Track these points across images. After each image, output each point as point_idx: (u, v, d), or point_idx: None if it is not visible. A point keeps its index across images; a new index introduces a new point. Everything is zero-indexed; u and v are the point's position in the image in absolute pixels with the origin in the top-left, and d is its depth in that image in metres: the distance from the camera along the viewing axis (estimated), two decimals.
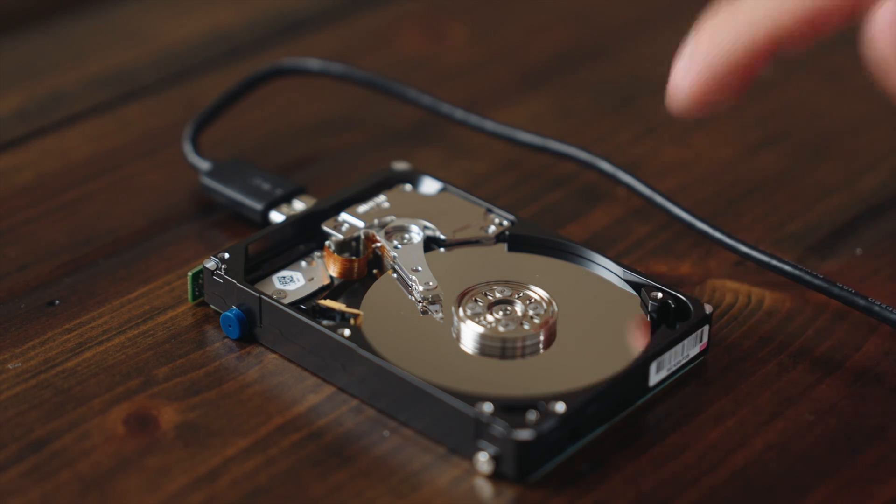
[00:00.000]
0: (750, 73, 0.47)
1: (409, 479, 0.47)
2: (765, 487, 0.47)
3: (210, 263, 0.52)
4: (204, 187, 0.58)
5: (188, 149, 0.60)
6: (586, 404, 0.47)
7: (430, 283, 0.52)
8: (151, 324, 0.53)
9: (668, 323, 0.51)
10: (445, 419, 0.47)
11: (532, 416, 0.46)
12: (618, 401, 0.49)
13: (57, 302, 0.54)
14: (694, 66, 0.47)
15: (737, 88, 0.48)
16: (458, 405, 0.47)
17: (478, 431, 0.47)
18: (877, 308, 0.52)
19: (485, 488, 0.47)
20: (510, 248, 0.54)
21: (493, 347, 0.50)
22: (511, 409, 0.47)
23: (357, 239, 0.54)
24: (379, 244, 0.54)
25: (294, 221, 0.55)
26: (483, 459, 0.47)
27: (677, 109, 0.48)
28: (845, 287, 0.52)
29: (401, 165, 0.57)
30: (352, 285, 0.53)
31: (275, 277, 0.53)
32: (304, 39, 0.71)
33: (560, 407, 0.47)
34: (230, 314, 0.52)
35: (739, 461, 0.48)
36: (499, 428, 0.46)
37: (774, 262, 0.53)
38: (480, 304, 0.51)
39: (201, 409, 0.49)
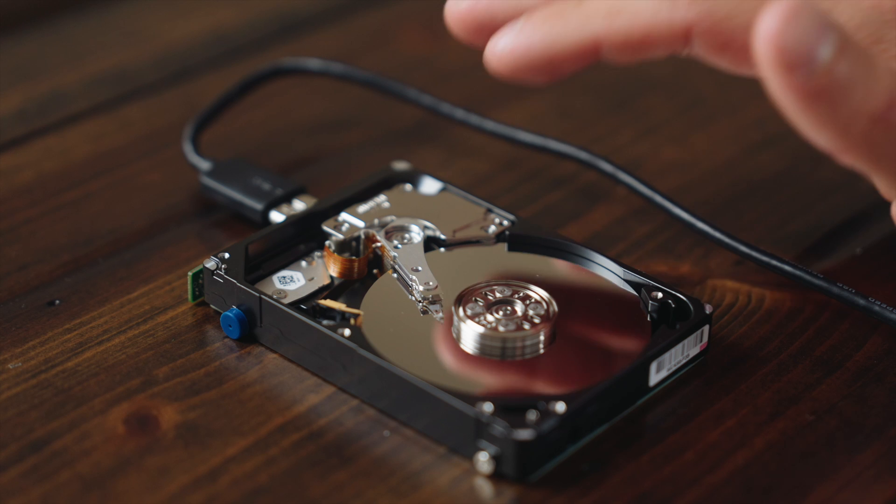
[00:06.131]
0: (564, 69, 0.48)
1: (409, 478, 0.47)
2: (765, 487, 0.47)
3: (210, 263, 0.52)
4: (204, 187, 0.58)
5: (188, 149, 0.60)
6: (586, 404, 0.47)
7: (430, 283, 0.52)
8: (152, 324, 0.53)
9: (668, 323, 0.51)
10: (445, 419, 0.47)
11: (532, 416, 0.46)
12: (618, 401, 0.49)
13: (57, 302, 0.54)
14: (516, 43, 0.48)
15: (547, 76, 0.48)
16: (458, 405, 0.47)
17: (478, 431, 0.47)
18: (877, 308, 0.52)
19: (485, 488, 0.47)
20: (510, 248, 0.54)
21: (493, 347, 0.50)
22: (511, 409, 0.47)
23: (357, 239, 0.54)
24: (379, 244, 0.54)
25: (294, 221, 0.55)
26: (483, 459, 0.47)
27: (491, 70, 0.48)
28: (845, 287, 0.52)
29: (401, 165, 0.57)
30: (352, 285, 0.53)
31: (275, 277, 0.53)
32: (304, 39, 0.71)
33: (560, 407, 0.47)
34: (230, 314, 0.52)
35: (739, 461, 0.48)
36: (499, 428, 0.46)
37: (774, 262, 0.53)
38: (480, 304, 0.51)
39: (201, 409, 0.49)
